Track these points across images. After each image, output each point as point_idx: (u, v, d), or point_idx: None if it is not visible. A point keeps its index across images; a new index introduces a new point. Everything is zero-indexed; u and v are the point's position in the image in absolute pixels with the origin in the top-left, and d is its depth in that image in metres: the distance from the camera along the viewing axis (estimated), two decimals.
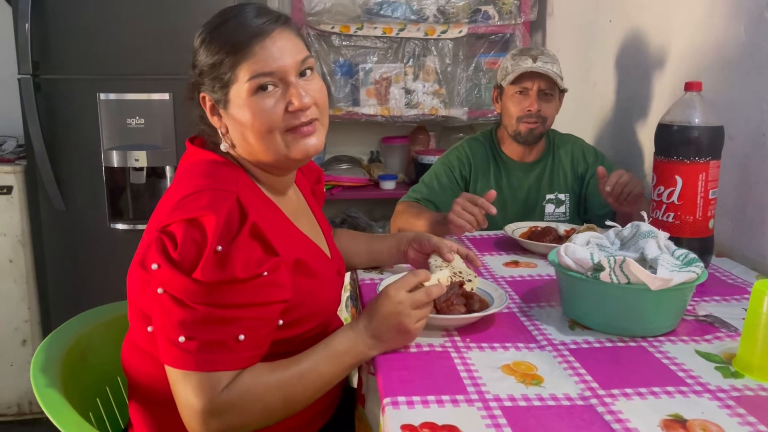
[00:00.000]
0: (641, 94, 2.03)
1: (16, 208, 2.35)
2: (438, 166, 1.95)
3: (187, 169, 1.05)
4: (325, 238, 1.21)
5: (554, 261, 1.13)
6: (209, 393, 0.89)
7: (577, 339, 1.04)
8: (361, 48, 2.80)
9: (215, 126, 1.05)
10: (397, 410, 0.83)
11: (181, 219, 0.91)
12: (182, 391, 0.90)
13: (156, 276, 0.90)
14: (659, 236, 1.14)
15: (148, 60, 2.19)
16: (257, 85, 0.98)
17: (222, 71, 0.99)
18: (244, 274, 0.90)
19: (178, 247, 0.89)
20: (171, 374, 0.92)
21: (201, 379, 0.89)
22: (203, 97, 1.04)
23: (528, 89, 1.81)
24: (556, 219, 1.91)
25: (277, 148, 1.02)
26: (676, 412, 0.83)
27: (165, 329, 0.90)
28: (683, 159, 1.29)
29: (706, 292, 1.27)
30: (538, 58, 1.80)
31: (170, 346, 0.90)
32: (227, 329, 0.90)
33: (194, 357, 0.89)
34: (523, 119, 1.83)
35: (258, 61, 0.98)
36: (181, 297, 0.89)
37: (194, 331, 0.89)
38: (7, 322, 2.41)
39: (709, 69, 1.67)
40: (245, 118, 0.99)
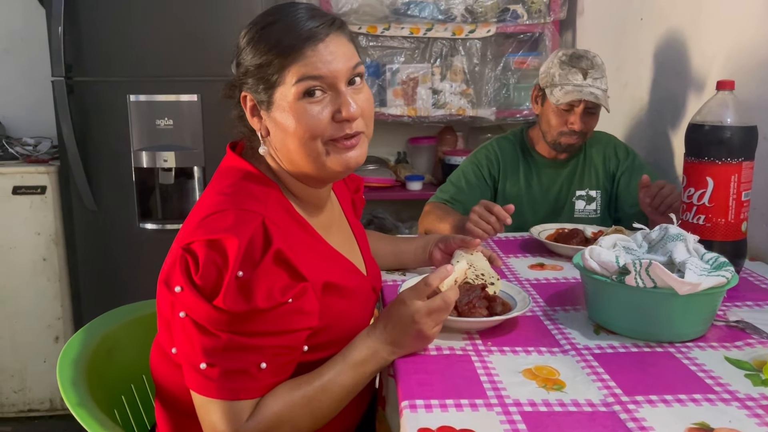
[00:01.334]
0: (673, 94, 1.98)
1: (49, 208, 2.41)
2: (466, 165, 1.93)
3: (220, 175, 1.03)
4: (361, 251, 1.19)
5: (579, 264, 1.11)
6: (235, 422, 0.89)
7: (601, 344, 1.02)
8: (388, 48, 2.79)
9: (254, 128, 1.02)
10: (414, 413, 0.82)
11: (204, 239, 0.89)
12: (207, 417, 0.90)
13: (179, 299, 0.89)
14: (688, 239, 1.11)
15: (176, 62, 2.23)
16: (305, 88, 0.94)
17: (269, 72, 0.96)
18: (266, 303, 0.88)
19: (200, 270, 0.88)
20: (195, 398, 0.92)
21: (225, 407, 0.89)
22: (244, 96, 1.01)
23: (574, 107, 1.76)
24: (586, 216, 1.89)
25: (317, 157, 0.97)
26: (702, 421, 0.80)
27: (187, 354, 0.90)
28: (715, 160, 1.26)
29: (737, 296, 1.23)
30: (589, 73, 1.73)
31: (192, 372, 0.89)
32: (249, 357, 0.89)
33: (216, 384, 0.88)
34: (565, 134, 1.80)
35: (308, 64, 0.94)
36: (203, 323, 0.87)
37: (216, 358, 0.88)
38: (40, 320, 2.47)
39: (743, 69, 1.62)
40: (288, 122, 0.96)
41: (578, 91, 1.72)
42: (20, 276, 2.44)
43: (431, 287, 0.97)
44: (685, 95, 1.92)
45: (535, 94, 1.88)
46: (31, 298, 2.45)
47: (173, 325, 0.92)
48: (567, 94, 1.73)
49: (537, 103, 1.88)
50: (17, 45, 2.76)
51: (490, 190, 1.91)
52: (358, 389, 0.99)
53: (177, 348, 0.93)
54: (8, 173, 2.38)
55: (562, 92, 1.74)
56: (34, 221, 2.41)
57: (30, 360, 2.50)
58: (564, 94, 1.74)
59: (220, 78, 1.06)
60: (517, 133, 1.97)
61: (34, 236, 2.42)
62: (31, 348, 2.49)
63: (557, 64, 1.77)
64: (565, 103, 1.74)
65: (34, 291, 2.45)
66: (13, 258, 2.42)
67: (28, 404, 2.53)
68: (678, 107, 1.95)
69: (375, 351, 0.97)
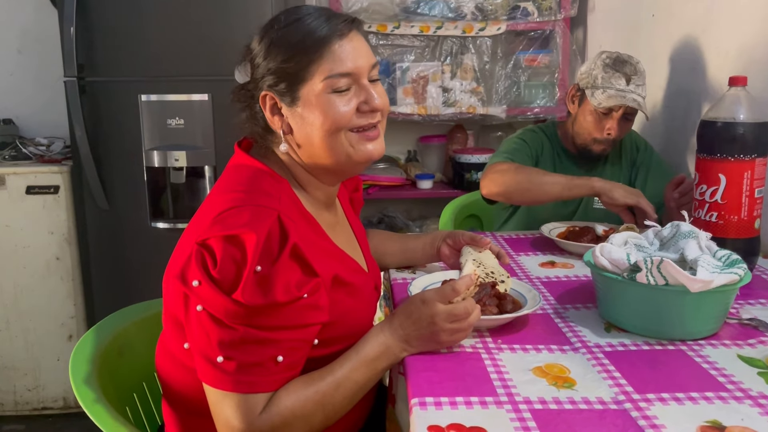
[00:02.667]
0: (685, 90, 1.97)
1: (62, 207, 2.43)
2: (518, 141, 1.90)
3: (230, 174, 1.04)
4: (362, 250, 1.20)
5: (590, 262, 1.10)
6: (249, 416, 0.89)
7: (612, 342, 1.02)
8: (398, 47, 2.79)
9: (274, 127, 1.03)
10: (424, 411, 0.82)
11: (221, 235, 0.89)
12: (222, 411, 0.90)
13: (196, 293, 0.89)
14: (700, 236, 1.10)
15: (187, 62, 2.24)
16: (334, 84, 0.98)
17: (294, 69, 0.98)
18: (284, 297, 0.89)
19: (218, 264, 0.88)
20: (209, 393, 0.92)
21: (240, 400, 0.89)
22: (264, 96, 1.01)
23: (613, 111, 1.75)
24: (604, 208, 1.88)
25: (341, 149, 1.01)
26: (714, 419, 0.80)
27: (203, 347, 0.90)
28: (727, 156, 1.25)
29: (751, 294, 1.22)
30: (632, 79, 1.72)
31: (208, 365, 0.89)
32: (266, 350, 0.90)
33: (232, 378, 0.88)
34: (599, 141, 1.79)
35: (336, 60, 0.98)
36: (221, 317, 0.88)
37: (233, 351, 0.88)
38: (53, 318, 2.49)
39: (756, 64, 1.61)
40: (315, 116, 0.99)
41: (621, 96, 1.71)
42: (33, 275, 2.46)
43: (458, 293, 0.97)
44: (697, 91, 1.90)
45: (573, 94, 1.86)
46: (44, 297, 2.47)
47: (189, 318, 0.92)
48: (610, 98, 1.71)
49: (573, 103, 1.86)
50: (30, 45, 2.78)
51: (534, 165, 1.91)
52: (370, 385, 0.99)
53: (191, 342, 0.93)
54: (22, 173, 2.40)
55: (605, 96, 1.72)
56: (47, 221, 2.43)
57: (43, 358, 2.52)
58: (607, 98, 1.72)
59: (231, 78, 1.08)
60: (548, 126, 1.98)
61: (47, 235, 2.44)
62: (44, 346, 2.51)
63: (600, 66, 1.75)
64: (607, 107, 1.73)
65: (47, 290, 2.47)
66: (27, 257, 2.45)
67: (42, 402, 2.55)
68: (691, 103, 1.94)
69: (387, 347, 0.97)
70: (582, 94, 1.81)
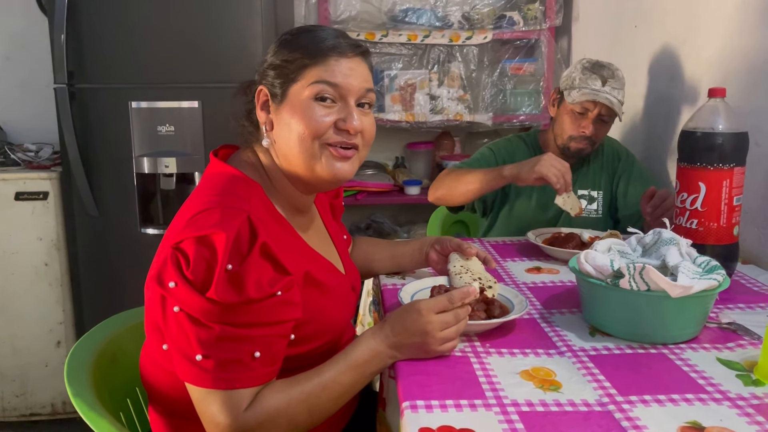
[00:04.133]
0: (666, 99, 2.02)
1: (51, 213, 2.43)
2: (485, 150, 1.98)
3: (205, 181, 1.07)
4: (339, 253, 1.23)
5: (575, 267, 1.13)
6: (233, 411, 0.91)
7: (597, 345, 1.05)
8: (386, 55, 2.82)
9: (260, 120, 1.08)
10: (415, 414, 0.85)
11: (193, 236, 0.92)
12: (207, 410, 0.92)
13: (173, 294, 0.91)
14: (681, 243, 1.14)
15: (177, 69, 2.25)
16: (318, 91, 1.02)
17: (290, 68, 1.03)
18: (257, 294, 0.91)
19: (191, 265, 0.91)
20: (193, 392, 0.94)
21: (223, 397, 0.91)
22: (260, 90, 1.07)
23: (588, 111, 1.81)
24: (587, 215, 1.93)
25: (311, 158, 1.03)
26: (694, 420, 0.83)
27: (182, 347, 0.92)
28: (707, 165, 1.29)
29: (730, 299, 1.26)
30: (608, 81, 1.78)
31: (188, 364, 0.91)
32: (243, 347, 0.92)
33: (212, 375, 0.90)
34: (576, 139, 1.84)
35: (327, 70, 1.02)
36: (197, 316, 0.90)
37: (211, 349, 0.90)
38: (42, 324, 2.49)
39: (735, 74, 1.65)
40: (295, 118, 1.02)
41: (594, 95, 1.76)
42: (22, 281, 2.45)
43: (453, 305, 1.00)
44: (678, 100, 1.95)
45: (554, 97, 1.92)
46: (32, 303, 2.47)
47: (167, 320, 0.94)
48: (583, 95, 1.78)
49: (554, 106, 1.92)
50: (18, 52, 2.79)
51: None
52: (357, 389, 1.01)
53: (170, 343, 0.95)
54: (10, 179, 2.40)
55: (579, 93, 1.78)
56: (36, 227, 2.42)
57: (31, 365, 2.51)
58: (581, 95, 1.78)
59: (221, 85, 1.11)
60: (531, 134, 2.02)
61: (36, 241, 2.44)
62: (32, 353, 2.50)
63: (579, 69, 1.82)
64: (580, 103, 1.79)
65: (35, 296, 2.47)
66: (15, 263, 2.44)
67: (30, 408, 2.55)
68: (671, 112, 1.99)
69: (377, 353, 1.00)
70: (561, 97, 1.87)
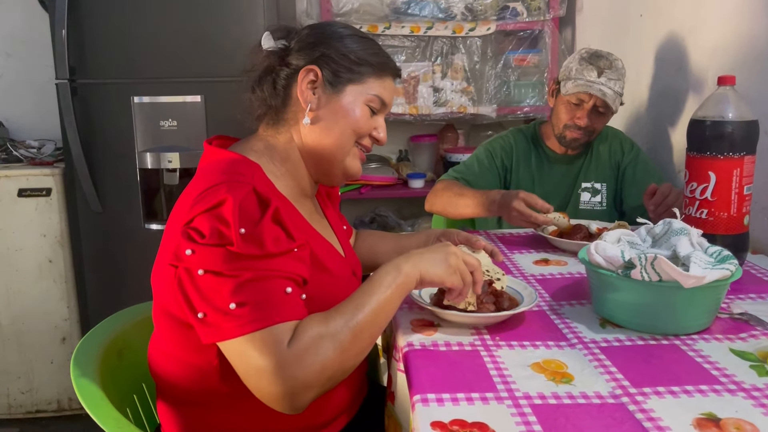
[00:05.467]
0: (673, 89, 2.00)
1: (55, 210, 2.42)
2: (481, 151, 1.98)
3: (205, 169, 1.07)
4: (339, 240, 1.23)
5: (584, 259, 1.12)
6: (276, 348, 0.87)
7: (608, 337, 1.04)
8: (389, 47, 2.80)
9: (303, 98, 1.09)
10: (427, 407, 0.84)
11: (202, 210, 0.92)
12: (249, 361, 0.88)
13: (194, 261, 0.90)
14: (692, 233, 1.12)
15: (180, 63, 2.24)
16: (374, 104, 1.12)
17: (359, 69, 1.10)
18: (276, 248, 0.92)
19: (206, 236, 0.90)
20: (232, 350, 0.89)
21: (263, 336, 0.87)
22: (311, 69, 1.09)
23: (583, 102, 1.80)
24: (591, 208, 1.92)
25: (342, 151, 1.12)
26: (709, 411, 0.82)
27: (215, 305, 0.89)
28: (716, 155, 1.27)
29: (741, 289, 1.25)
30: (604, 72, 1.76)
31: (223, 319, 0.88)
32: (273, 285, 0.90)
33: (249, 318, 0.87)
34: (570, 128, 1.83)
35: (385, 89, 1.13)
36: (221, 269, 0.88)
37: (242, 295, 0.88)
38: (47, 321, 2.49)
39: (743, 62, 1.64)
40: (348, 113, 1.10)
41: (588, 86, 1.75)
42: (26, 278, 2.45)
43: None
44: (685, 90, 1.93)
45: (552, 88, 1.92)
46: (37, 300, 2.47)
47: (197, 286, 0.90)
48: (576, 87, 1.77)
49: (552, 96, 1.91)
50: (19, 48, 2.78)
51: (500, 179, 1.95)
52: (390, 307, 0.98)
53: (202, 308, 0.90)
54: (13, 176, 2.39)
55: (573, 85, 1.78)
56: (40, 223, 2.42)
57: (37, 361, 2.51)
58: (574, 86, 1.77)
59: (223, 79, 1.11)
60: (531, 127, 2.01)
61: (40, 238, 2.43)
62: (38, 349, 2.50)
63: (577, 59, 1.81)
64: (574, 95, 1.77)
65: (40, 293, 2.47)
66: (19, 260, 2.44)
67: (36, 405, 2.55)
68: (678, 102, 1.97)
69: (396, 265, 0.99)
70: (558, 87, 1.86)
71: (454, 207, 1.78)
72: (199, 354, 0.99)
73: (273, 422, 1.04)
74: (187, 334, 0.99)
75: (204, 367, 1.00)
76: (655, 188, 1.59)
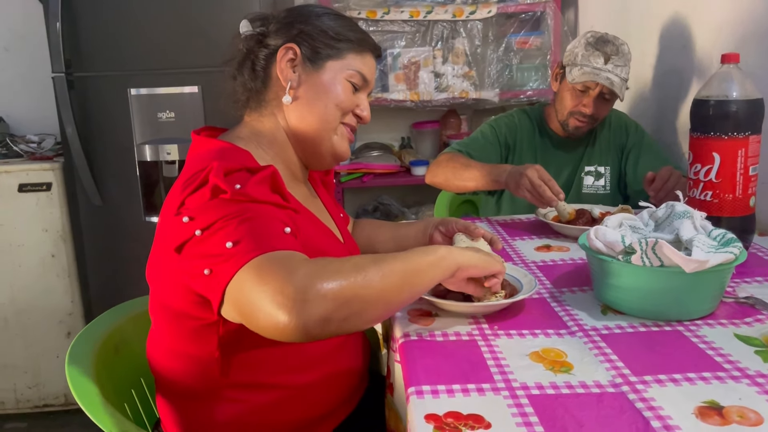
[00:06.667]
0: (678, 69, 1.96)
1: (56, 204, 2.41)
2: (485, 127, 1.95)
3: (193, 159, 1.05)
4: (337, 226, 1.22)
5: (584, 244, 1.10)
6: (290, 265, 0.79)
7: (609, 324, 1.01)
8: (388, 33, 2.77)
9: (283, 76, 1.08)
10: (421, 399, 0.82)
11: (192, 191, 0.90)
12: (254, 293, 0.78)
13: (190, 226, 0.87)
14: (695, 216, 1.09)
15: (176, 54, 2.21)
16: (354, 78, 1.10)
17: (335, 45, 1.09)
18: (272, 199, 0.91)
19: (200, 202, 0.88)
20: (237, 289, 0.81)
21: (272, 258, 0.80)
22: (290, 47, 1.08)
23: (589, 89, 1.75)
24: (595, 192, 1.89)
25: (328, 129, 1.11)
26: (712, 399, 0.79)
27: (215, 254, 0.84)
28: (721, 135, 1.24)
29: (747, 272, 1.22)
30: (611, 58, 1.71)
31: (228, 259, 0.82)
32: (271, 223, 0.87)
33: (253, 245, 0.82)
34: (575, 115, 1.79)
35: (365, 65, 1.12)
36: (216, 220, 0.85)
37: (239, 233, 0.83)
38: (52, 316, 2.49)
39: (749, 39, 1.60)
40: (330, 89, 1.09)
41: (595, 74, 1.70)
42: (30, 273, 2.45)
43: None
44: (690, 69, 1.89)
45: (556, 72, 1.87)
46: (41, 295, 2.47)
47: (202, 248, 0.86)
48: (583, 75, 1.72)
49: (556, 81, 1.87)
50: (17, 43, 2.76)
51: (501, 157, 1.92)
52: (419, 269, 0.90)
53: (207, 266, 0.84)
54: (13, 171, 2.39)
55: (580, 72, 1.73)
56: (41, 218, 2.41)
57: (43, 356, 2.52)
58: (581, 74, 1.72)
59: (220, 69, 1.10)
60: (536, 109, 1.98)
61: (42, 233, 2.43)
62: (43, 344, 2.51)
63: (583, 44, 1.75)
64: (581, 83, 1.73)
65: (44, 287, 2.46)
66: (22, 255, 2.44)
67: (43, 399, 2.56)
68: (683, 82, 1.93)
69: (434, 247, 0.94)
70: (563, 72, 1.81)
71: (459, 178, 1.74)
72: (199, 345, 0.98)
73: (274, 415, 1.03)
74: (186, 326, 0.98)
75: (204, 358, 0.98)
76: (653, 175, 1.56)
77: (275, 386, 1.02)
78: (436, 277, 0.93)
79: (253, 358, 1.00)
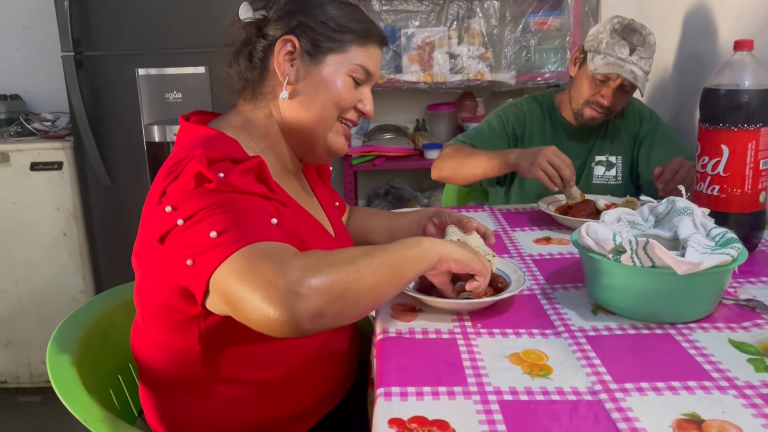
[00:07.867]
0: (698, 54, 1.87)
1: (67, 183, 2.43)
2: (493, 117, 1.89)
3: (179, 146, 1.02)
4: (329, 218, 1.18)
5: (576, 241, 1.05)
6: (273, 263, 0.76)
7: (597, 325, 0.97)
8: (402, 12, 2.71)
9: (281, 70, 1.03)
10: (388, 402, 0.79)
11: (172, 180, 0.87)
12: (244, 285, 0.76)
13: (173, 216, 0.84)
14: (696, 213, 1.04)
15: (183, 34, 2.20)
16: (358, 74, 1.06)
17: (340, 37, 1.04)
18: (258, 190, 0.89)
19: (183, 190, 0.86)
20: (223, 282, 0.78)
21: (257, 254, 0.78)
22: (288, 39, 1.02)
23: (610, 80, 1.67)
24: (606, 182, 1.82)
25: (324, 126, 1.06)
26: (693, 411, 0.75)
27: (197, 244, 0.81)
28: (731, 126, 1.18)
29: (754, 272, 1.16)
30: (637, 49, 1.62)
31: (210, 252, 0.80)
32: (257, 215, 0.85)
33: (235, 236, 0.80)
34: (591, 105, 1.72)
35: (369, 57, 1.07)
36: (199, 209, 0.83)
37: (222, 223, 0.81)
38: (64, 294, 2.52)
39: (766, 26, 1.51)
40: (328, 85, 1.04)
41: (619, 66, 1.62)
42: (42, 251, 2.48)
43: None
44: (711, 54, 1.81)
45: (576, 56, 1.78)
46: (54, 273, 2.50)
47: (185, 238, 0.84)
48: (607, 66, 1.63)
49: (575, 65, 1.78)
50: (35, 19, 2.76)
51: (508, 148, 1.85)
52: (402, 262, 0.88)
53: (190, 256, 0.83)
54: (26, 149, 2.41)
55: (603, 62, 1.64)
56: (53, 197, 2.43)
57: None
58: (604, 64, 1.64)
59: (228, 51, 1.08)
60: (547, 95, 1.90)
61: (54, 212, 2.45)
62: (56, 320, 2.48)
63: (609, 31, 1.66)
64: (603, 74, 1.66)
65: (56, 265, 2.50)
66: (35, 233, 2.47)
67: None
68: (703, 67, 1.85)
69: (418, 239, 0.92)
70: (584, 57, 1.73)
71: (465, 166, 1.68)
72: (180, 338, 0.97)
73: (255, 410, 1.01)
74: (169, 319, 0.97)
75: (185, 352, 0.97)
76: (660, 171, 1.49)
77: (259, 381, 1.00)
78: (420, 268, 0.91)
79: (235, 353, 0.98)
